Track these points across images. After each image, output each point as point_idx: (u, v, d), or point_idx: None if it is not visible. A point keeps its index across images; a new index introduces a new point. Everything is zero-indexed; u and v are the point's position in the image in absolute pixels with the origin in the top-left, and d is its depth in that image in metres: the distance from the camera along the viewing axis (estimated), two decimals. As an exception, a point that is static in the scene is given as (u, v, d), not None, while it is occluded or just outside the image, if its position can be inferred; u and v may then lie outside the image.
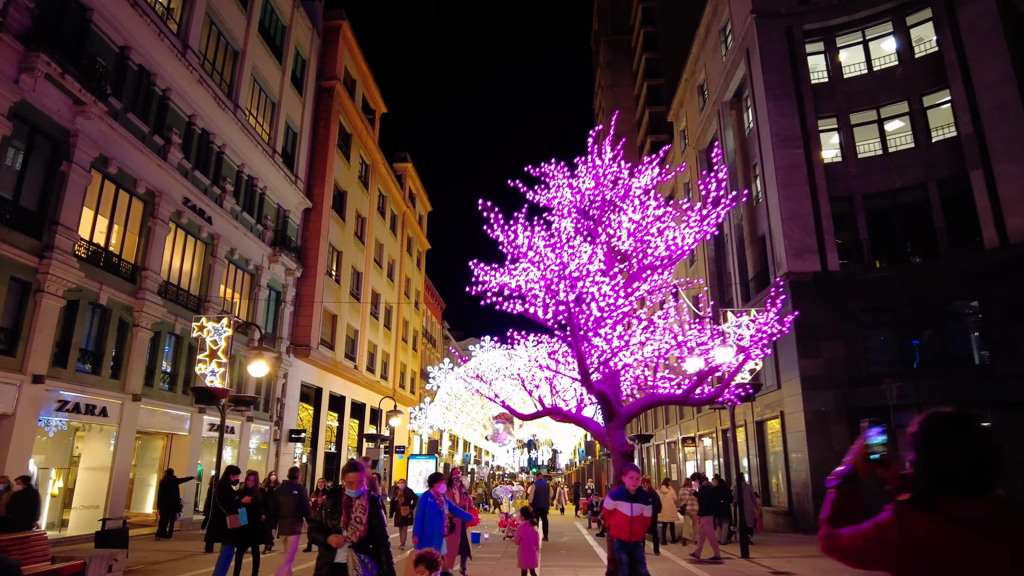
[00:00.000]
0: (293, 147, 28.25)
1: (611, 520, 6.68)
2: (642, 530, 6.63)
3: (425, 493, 8.05)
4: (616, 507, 6.67)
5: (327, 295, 29.55)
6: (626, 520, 6.55)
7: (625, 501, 6.60)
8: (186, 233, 19.95)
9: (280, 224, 26.40)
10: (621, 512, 6.61)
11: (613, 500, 6.70)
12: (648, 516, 6.72)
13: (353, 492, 5.20)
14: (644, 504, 6.63)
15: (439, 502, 7.89)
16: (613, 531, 6.51)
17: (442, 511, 7.87)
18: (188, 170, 19.69)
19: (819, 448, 18.83)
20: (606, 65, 75.46)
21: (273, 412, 25.20)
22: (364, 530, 5.04)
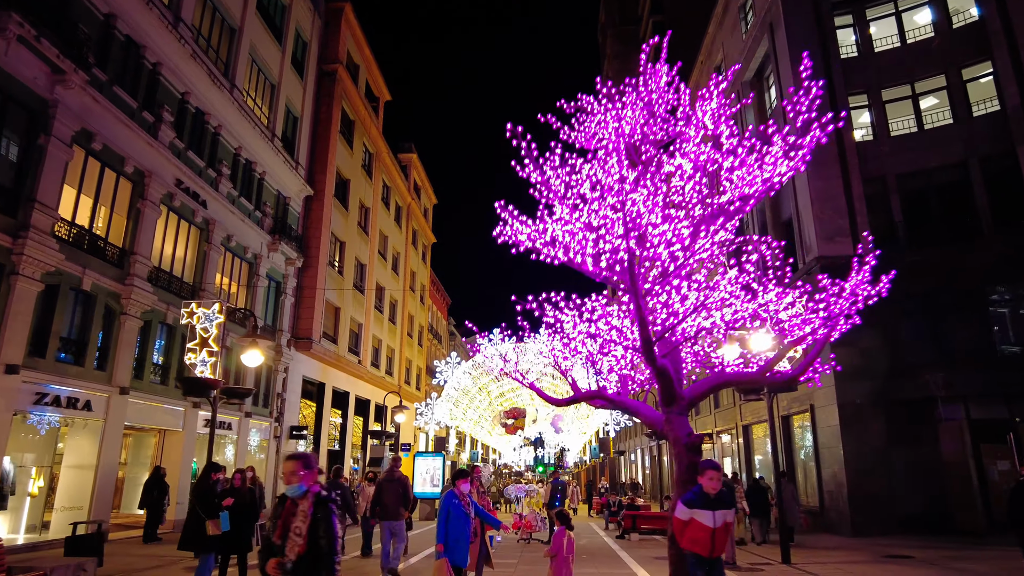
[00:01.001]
0: (294, 132, 27.13)
1: (686, 533, 5.24)
2: (726, 541, 5.32)
3: (448, 493, 6.88)
4: (693, 516, 5.21)
5: (329, 287, 28.43)
6: (707, 532, 5.14)
7: (705, 508, 5.17)
8: (179, 217, 18.83)
9: (280, 211, 25.28)
10: (700, 523, 5.17)
11: (688, 508, 5.25)
12: (732, 523, 5.46)
13: (293, 490, 4.10)
14: (727, 508, 5.28)
15: (464, 503, 6.75)
16: (686, 544, 5.20)
17: (468, 514, 6.74)
18: (181, 150, 18.57)
19: (854, 444, 17.62)
20: (613, 57, 74.02)
21: (273, 408, 24.09)
22: (304, 544, 3.93)
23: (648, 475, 48.24)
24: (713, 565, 5.15)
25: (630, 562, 12.56)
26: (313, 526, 3.97)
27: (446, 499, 6.77)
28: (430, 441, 44.37)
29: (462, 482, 6.86)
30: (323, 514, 4.02)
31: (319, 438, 27.85)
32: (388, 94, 38.64)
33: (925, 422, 17.57)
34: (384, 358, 37.16)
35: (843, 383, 18.03)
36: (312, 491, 4.12)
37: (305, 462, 4.19)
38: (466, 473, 7.00)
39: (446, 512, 6.68)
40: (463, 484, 6.86)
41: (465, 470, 7.16)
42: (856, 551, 13.77)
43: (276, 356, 24.17)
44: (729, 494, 5.44)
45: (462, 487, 6.81)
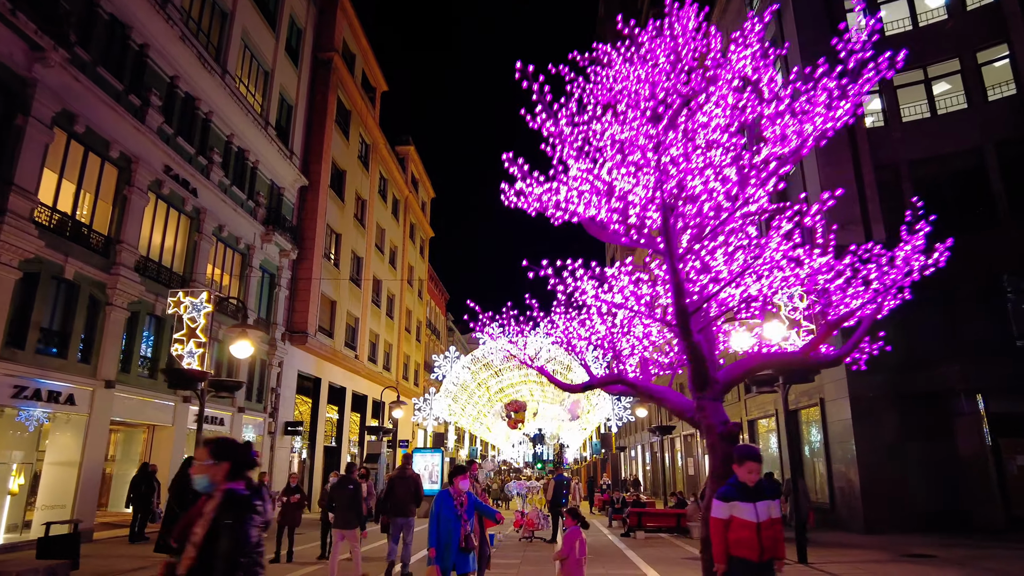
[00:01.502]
0: (288, 121, 26.47)
1: (730, 534, 4.42)
2: (778, 540, 4.44)
3: (442, 492, 6.21)
4: (733, 512, 4.43)
5: (325, 279, 27.80)
6: (750, 529, 4.32)
7: (745, 501, 4.40)
8: (168, 205, 18.18)
9: (274, 202, 24.64)
10: (742, 519, 4.36)
11: (725, 502, 4.48)
12: (779, 517, 4.58)
13: (201, 484, 3.25)
14: (771, 499, 4.50)
15: (457, 503, 6.06)
16: (733, 549, 4.38)
17: (459, 515, 5.98)
18: (170, 136, 17.91)
19: (867, 438, 17.05)
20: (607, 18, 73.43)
21: (267, 403, 23.48)
22: (194, 557, 3.03)
23: (649, 472, 47.76)
24: (763, 571, 4.38)
25: (639, 562, 11.99)
26: (211, 535, 3.03)
27: (437, 499, 6.09)
28: (428, 437, 43.81)
29: (460, 479, 6.19)
30: (230, 521, 3.04)
31: (315, 434, 27.24)
32: (385, 84, 37.97)
33: (940, 416, 17.01)
34: (381, 353, 36.54)
35: (855, 376, 17.44)
36: (222, 489, 3.17)
37: (214, 449, 3.27)
38: (464, 469, 6.36)
39: (437, 513, 6.01)
40: (461, 481, 6.18)
41: (463, 466, 6.52)
42: (873, 549, 13.21)
43: (270, 350, 23.56)
44: (773, 485, 4.73)
45: (460, 484, 6.16)
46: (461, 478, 6.20)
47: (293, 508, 11.91)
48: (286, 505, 11.91)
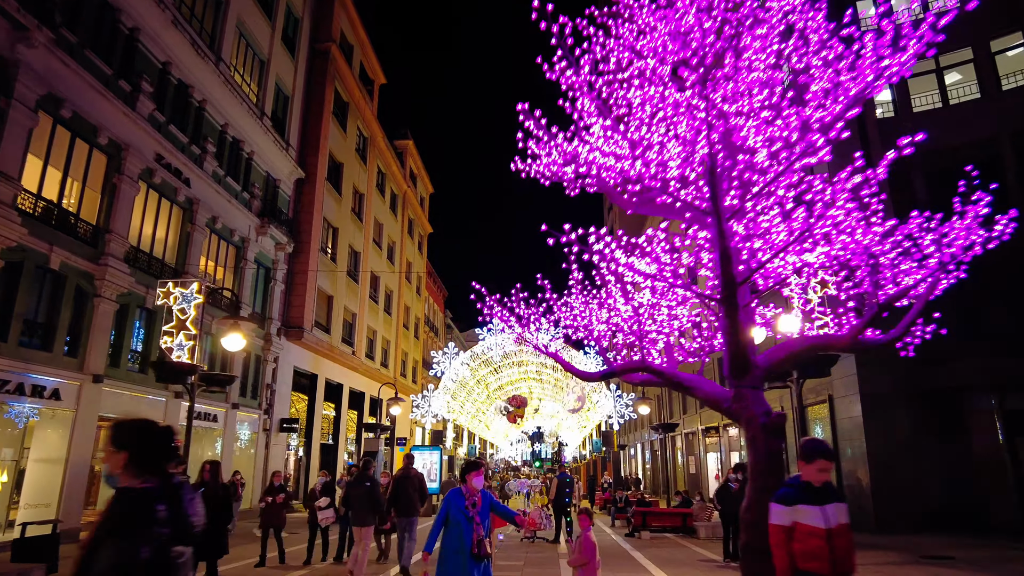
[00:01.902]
0: (284, 112, 25.94)
1: (795, 544, 3.63)
2: (849, 549, 3.67)
3: (453, 491, 5.54)
4: (797, 517, 3.64)
5: (322, 273, 27.29)
6: (820, 538, 3.56)
7: (812, 504, 3.65)
8: (160, 195, 17.66)
9: (270, 194, 24.12)
10: (810, 525, 3.59)
11: (787, 505, 3.68)
12: (848, 523, 3.77)
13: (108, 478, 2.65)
14: (840, 502, 3.77)
15: (469, 505, 5.39)
16: (801, 562, 3.61)
17: (472, 519, 5.33)
18: (162, 124, 17.39)
19: (878, 436, 16.63)
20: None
21: (262, 399, 22.98)
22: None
23: (649, 470, 47.34)
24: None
25: (648, 565, 11.52)
26: (91, 549, 2.38)
27: (447, 498, 5.50)
28: (427, 435, 43.37)
29: (474, 476, 5.55)
30: (111, 533, 2.38)
31: (311, 432, 26.75)
32: (383, 77, 37.45)
33: (955, 413, 16.58)
34: (379, 350, 36.05)
35: (865, 371, 17.05)
36: (120, 488, 2.55)
37: (114, 433, 2.63)
38: (478, 464, 5.70)
39: (444, 514, 5.39)
40: (475, 478, 5.53)
41: (477, 462, 5.80)
42: (888, 550, 12.77)
43: (265, 345, 23.06)
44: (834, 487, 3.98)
45: (474, 482, 5.53)
46: (475, 475, 5.58)
47: (278, 508, 11.32)
48: (270, 505, 11.27)
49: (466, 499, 5.55)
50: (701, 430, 31.60)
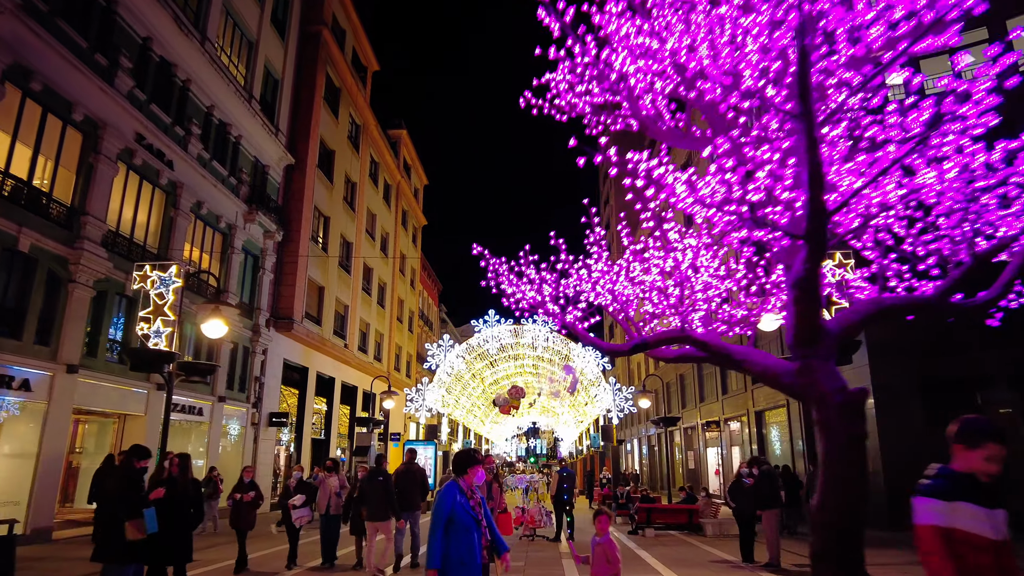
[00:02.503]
0: (274, 96, 25.08)
1: (956, 561, 2.66)
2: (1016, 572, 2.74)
3: (449, 485, 4.65)
4: (956, 520, 2.72)
5: (313, 264, 26.48)
6: (988, 553, 2.67)
7: (977, 504, 2.74)
8: (141, 178, 16.82)
9: (258, 180, 23.28)
10: (973, 532, 2.69)
11: (946, 501, 2.76)
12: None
13: None
14: (1003, 508, 2.80)
15: (475, 503, 4.62)
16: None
17: (478, 518, 4.56)
18: (142, 102, 16.55)
19: (891, 429, 16.02)
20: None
21: (251, 392, 22.18)
22: None
23: (647, 466, 46.76)
24: None
25: (658, 566, 10.83)
26: None
27: (446, 495, 4.54)
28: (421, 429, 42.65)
29: (474, 470, 4.73)
30: None
31: (302, 426, 25.96)
32: (376, 64, 36.55)
33: (973, 405, 15.94)
34: (372, 343, 35.26)
35: (877, 361, 16.42)
36: None
37: None
38: (476, 456, 4.84)
39: (447, 515, 4.41)
40: (476, 473, 4.73)
41: (473, 451, 4.96)
42: (908, 548, 12.11)
43: (254, 337, 22.26)
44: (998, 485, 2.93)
45: (474, 476, 4.72)
46: (475, 470, 4.78)
47: (247, 508, 10.26)
48: (237, 504, 10.23)
49: (468, 496, 4.79)
50: (701, 424, 30.99)
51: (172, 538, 6.27)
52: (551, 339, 27.61)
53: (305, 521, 10.52)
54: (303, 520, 10.48)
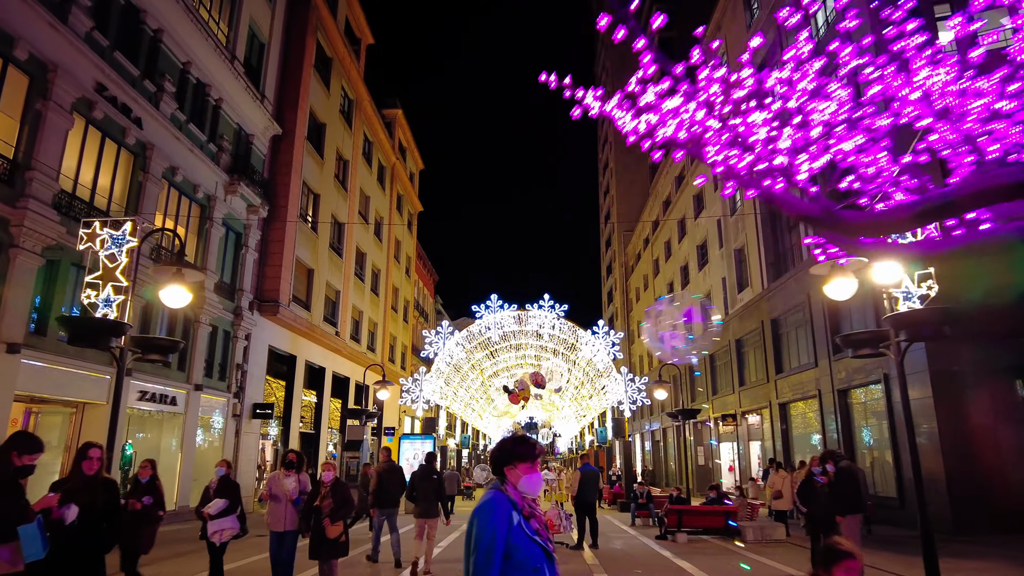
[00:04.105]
0: (260, 61, 23.05)
1: None
2: None
3: (496, 498, 2.82)
4: None
5: (302, 244, 24.50)
6: None
7: None
8: (103, 134, 14.82)
9: (242, 149, 21.27)
10: None
11: None
12: None
13: None
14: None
15: (537, 522, 2.84)
16: None
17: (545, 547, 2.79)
18: (104, 48, 14.54)
19: (951, 421, 14.22)
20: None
21: (232, 381, 20.21)
22: None
23: (650, 462, 44.99)
24: None
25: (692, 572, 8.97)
26: None
27: (496, 514, 2.74)
28: (416, 424, 40.71)
29: (526, 468, 2.92)
30: None
31: (289, 419, 24.01)
32: (371, 37, 34.52)
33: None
34: (365, 332, 33.31)
35: (935, 345, 14.59)
36: None
37: None
38: (528, 447, 2.98)
39: (502, 547, 2.68)
40: (528, 472, 2.92)
41: (525, 439, 3.08)
42: (1002, 559, 10.32)
43: (236, 320, 20.28)
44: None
45: (529, 481, 2.92)
46: (527, 467, 2.93)
47: (135, 522, 7.52)
48: (125, 514, 7.14)
49: (527, 514, 2.90)
50: (717, 418, 29.20)
51: (74, 566, 4.37)
52: (558, 326, 25.74)
53: (228, 536, 7.78)
54: (224, 535, 7.72)
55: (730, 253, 28.43)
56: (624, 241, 59.48)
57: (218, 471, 8.14)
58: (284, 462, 7.91)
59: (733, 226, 28.13)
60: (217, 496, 7.76)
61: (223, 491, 7.84)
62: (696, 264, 34.53)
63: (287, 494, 7.51)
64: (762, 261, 24.43)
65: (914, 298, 9.39)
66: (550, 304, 24.61)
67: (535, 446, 3.10)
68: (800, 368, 21.24)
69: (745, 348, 26.84)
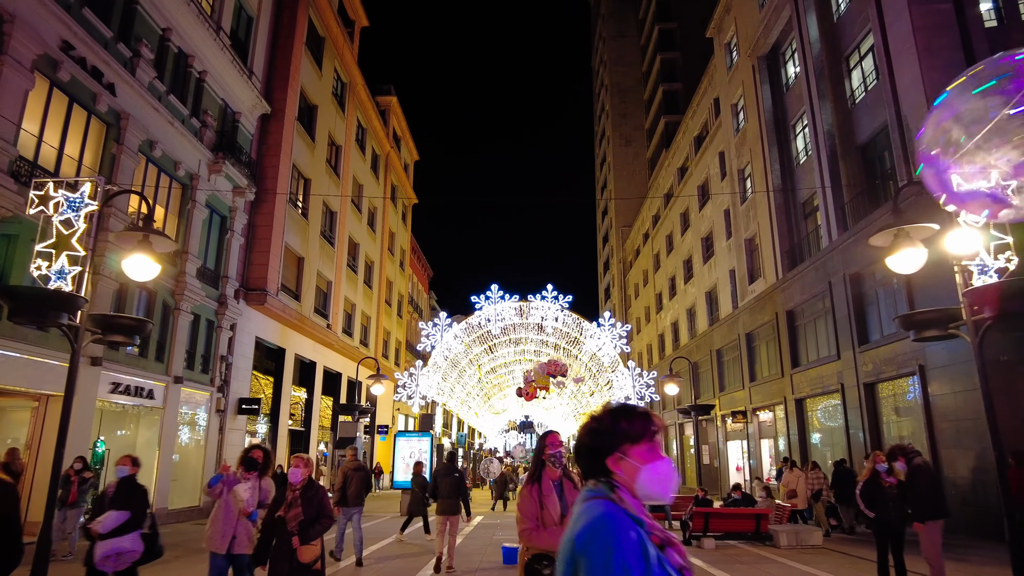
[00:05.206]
0: (248, 36, 21.70)
1: None
2: None
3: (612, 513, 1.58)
4: None
5: (291, 231, 23.15)
6: None
7: None
8: (70, 99, 13.45)
9: (227, 127, 19.90)
10: None
11: None
12: None
13: None
14: None
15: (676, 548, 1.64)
16: None
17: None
18: (71, 3, 13.18)
19: (1008, 418, 13.02)
20: (608, 15, 69.05)
21: (216, 374, 18.85)
22: None
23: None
24: None
25: None
26: None
27: (619, 540, 1.52)
28: (414, 421, 39.44)
29: (646, 452, 1.69)
30: None
31: (278, 415, 22.65)
32: (365, 19, 33.16)
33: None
34: (358, 325, 31.97)
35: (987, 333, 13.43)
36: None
37: None
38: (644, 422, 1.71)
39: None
40: (651, 460, 1.69)
41: (634, 409, 1.77)
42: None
43: (220, 309, 18.92)
44: None
45: (650, 477, 1.67)
46: (650, 451, 1.72)
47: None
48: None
49: (664, 542, 1.66)
50: (726, 414, 28.04)
51: None
52: (561, 318, 24.49)
53: (128, 563, 5.55)
54: (120, 561, 5.52)
55: (740, 243, 27.28)
56: (622, 237, 58.35)
57: (119, 471, 6.00)
58: (244, 459, 6.09)
59: (743, 215, 26.99)
60: (113, 506, 5.62)
61: (122, 499, 5.71)
62: (701, 257, 33.39)
63: (239, 503, 5.82)
64: (776, 250, 23.28)
65: (990, 271, 8.24)
66: (553, 295, 23.34)
67: (650, 417, 1.82)
68: (819, 361, 20.10)
69: (756, 342, 25.69)
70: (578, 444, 1.83)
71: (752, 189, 25.75)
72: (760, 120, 24.80)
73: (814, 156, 20.77)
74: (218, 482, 6.04)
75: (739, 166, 27.69)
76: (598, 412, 1.84)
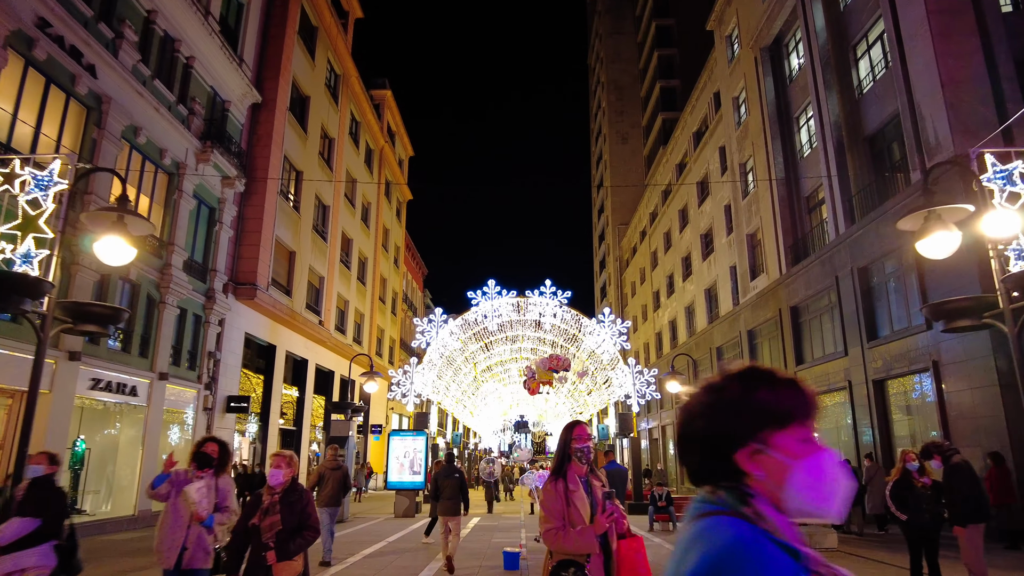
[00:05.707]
0: (238, 22, 21.03)
1: None
2: None
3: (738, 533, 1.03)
4: None
5: (282, 224, 22.49)
6: None
7: None
8: (48, 79, 12.79)
9: (216, 115, 19.23)
10: None
11: None
12: None
13: None
14: None
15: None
16: None
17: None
18: (48, -21, 12.52)
19: (1021, 413, 12.53)
20: (605, 12, 68.53)
21: (203, 370, 18.17)
22: None
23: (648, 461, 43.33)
24: None
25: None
26: None
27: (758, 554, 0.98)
28: (408, 420, 38.77)
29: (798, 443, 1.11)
30: None
31: (268, 414, 21.99)
32: (360, 10, 32.51)
33: None
34: (352, 323, 31.30)
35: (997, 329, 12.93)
36: None
37: None
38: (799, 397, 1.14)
39: None
40: (808, 454, 1.10)
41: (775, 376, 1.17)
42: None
43: (208, 303, 18.26)
44: None
45: (805, 480, 1.09)
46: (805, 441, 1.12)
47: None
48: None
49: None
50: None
51: None
52: (560, 314, 23.89)
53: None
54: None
55: (741, 239, 26.77)
56: (619, 235, 57.83)
57: (31, 471, 5.10)
58: (196, 454, 5.15)
59: (745, 210, 26.48)
60: (20, 513, 4.74)
61: (31, 504, 4.81)
62: (700, 253, 32.88)
63: (191, 507, 4.89)
64: (779, 245, 22.77)
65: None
66: (552, 291, 22.77)
67: (800, 387, 1.21)
68: (825, 358, 19.58)
69: (758, 339, 25.18)
70: (685, 432, 1.23)
71: (755, 183, 25.23)
72: (763, 113, 24.29)
73: (820, 148, 20.26)
74: (163, 482, 5.11)
75: (740, 160, 27.18)
76: (717, 379, 1.22)
